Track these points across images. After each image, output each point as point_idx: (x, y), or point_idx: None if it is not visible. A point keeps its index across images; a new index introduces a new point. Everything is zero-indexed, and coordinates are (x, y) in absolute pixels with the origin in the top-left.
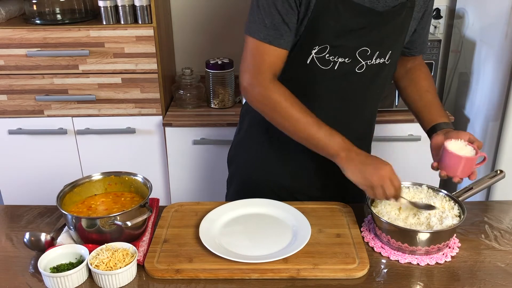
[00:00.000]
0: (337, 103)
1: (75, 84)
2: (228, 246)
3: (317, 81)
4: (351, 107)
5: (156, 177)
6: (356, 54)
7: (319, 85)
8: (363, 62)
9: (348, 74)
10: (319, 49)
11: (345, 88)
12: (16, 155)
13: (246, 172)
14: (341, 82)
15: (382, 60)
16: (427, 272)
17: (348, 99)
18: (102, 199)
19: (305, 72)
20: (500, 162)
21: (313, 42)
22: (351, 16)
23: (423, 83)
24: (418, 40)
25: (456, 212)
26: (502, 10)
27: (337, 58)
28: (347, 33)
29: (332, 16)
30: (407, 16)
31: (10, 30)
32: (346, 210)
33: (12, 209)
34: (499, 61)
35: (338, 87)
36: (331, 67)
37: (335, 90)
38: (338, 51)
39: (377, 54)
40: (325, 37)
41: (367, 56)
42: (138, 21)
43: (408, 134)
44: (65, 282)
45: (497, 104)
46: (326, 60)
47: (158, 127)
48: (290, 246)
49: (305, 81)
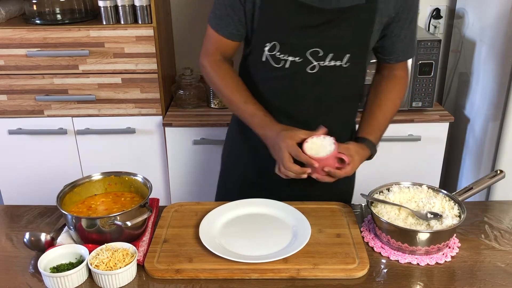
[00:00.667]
0: (294, 102)
1: (75, 84)
2: (228, 246)
3: (272, 79)
4: (312, 107)
5: (156, 177)
6: (307, 54)
7: (275, 83)
8: (315, 62)
9: (299, 73)
10: (270, 46)
11: (298, 87)
12: (16, 155)
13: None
14: (294, 81)
15: (338, 63)
16: (427, 272)
17: (304, 99)
18: (102, 199)
19: (262, 70)
20: (500, 162)
21: (264, 39)
22: (295, 13)
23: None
24: (392, 47)
25: (456, 212)
26: (502, 10)
27: (287, 56)
28: (294, 30)
29: (277, 13)
30: (367, 19)
31: (10, 30)
32: (346, 210)
33: (12, 209)
34: (499, 61)
35: (291, 86)
36: (283, 65)
37: (289, 89)
38: (288, 49)
39: (331, 56)
40: (272, 34)
41: (319, 57)
42: (138, 21)
43: (408, 134)
44: (65, 282)
45: (497, 104)
46: (277, 58)
47: (158, 127)
48: (290, 246)
49: (263, 79)
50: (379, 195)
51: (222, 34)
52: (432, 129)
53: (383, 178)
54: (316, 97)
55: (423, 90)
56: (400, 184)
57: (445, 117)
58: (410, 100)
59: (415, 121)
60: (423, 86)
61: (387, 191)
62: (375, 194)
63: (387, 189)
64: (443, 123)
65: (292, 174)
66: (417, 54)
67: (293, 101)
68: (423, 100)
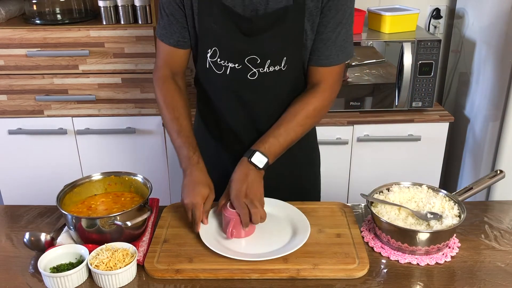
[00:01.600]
0: (239, 109)
1: (75, 84)
2: (228, 245)
3: (216, 86)
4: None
5: (156, 177)
6: (245, 61)
7: (219, 90)
8: (254, 69)
9: (240, 80)
10: (212, 52)
11: (241, 94)
12: (16, 155)
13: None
14: (236, 88)
15: (277, 68)
16: (427, 272)
17: (249, 105)
18: (102, 199)
19: (206, 77)
20: (500, 162)
21: (205, 45)
22: (229, 20)
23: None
24: (314, 46)
25: (456, 212)
26: (502, 10)
27: (227, 62)
28: (231, 37)
29: (212, 18)
30: (298, 20)
31: (10, 30)
32: (346, 210)
33: (12, 209)
34: (499, 61)
35: (235, 92)
36: (224, 71)
37: (233, 95)
38: (226, 55)
39: (269, 62)
40: (212, 39)
41: (257, 64)
42: (138, 21)
43: (408, 134)
44: (65, 282)
45: (497, 104)
46: (219, 65)
47: (158, 127)
48: (290, 244)
49: (209, 86)
50: (379, 195)
51: (168, 43)
52: (432, 129)
53: (383, 178)
54: (260, 103)
55: (423, 90)
56: (400, 184)
57: (445, 117)
58: (410, 100)
59: (415, 121)
60: (423, 86)
61: (387, 191)
62: (375, 194)
63: (387, 189)
64: (443, 123)
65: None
66: (417, 54)
67: (239, 107)
68: (423, 100)
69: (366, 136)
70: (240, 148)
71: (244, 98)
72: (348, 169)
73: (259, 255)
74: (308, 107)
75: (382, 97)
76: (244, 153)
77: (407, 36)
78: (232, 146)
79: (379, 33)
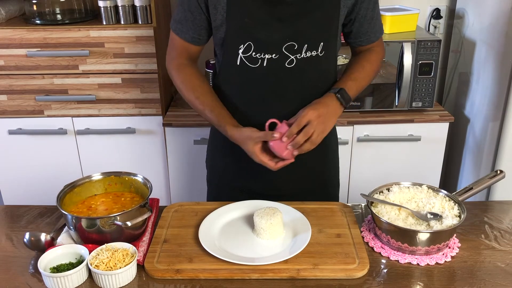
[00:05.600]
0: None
1: (75, 84)
2: (228, 248)
3: (249, 82)
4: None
5: (156, 177)
6: (283, 49)
7: (251, 85)
8: (292, 56)
9: (278, 70)
10: (245, 48)
11: (277, 84)
12: (16, 155)
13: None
14: (273, 79)
15: (314, 53)
16: (427, 272)
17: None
18: (102, 199)
19: (238, 74)
20: (500, 162)
21: (236, 41)
22: (262, 8)
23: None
24: (361, 29)
25: (456, 212)
26: (502, 10)
27: (263, 54)
28: (266, 26)
29: (243, 11)
30: (333, 5)
31: (10, 30)
32: (346, 210)
33: (12, 209)
34: (499, 61)
35: (270, 84)
36: (260, 64)
37: (268, 88)
38: (263, 47)
39: (306, 47)
40: (245, 34)
41: (295, 50)
42: (138, 21)
43: (408, 134)
44: (65, 282)
45: (497, 104)
46: (254, 58)
47: (158, 127)
48: (291, 247)
49: (239, 83)
50: (379, 195)
51: (184, 38)
52: (432, 129)
53: (383, 178)
54: (295, 91)
55: (423, 90)
56: (400, 184)
57: (445, 117)
58: (410, 100)
59: (415, 121)
60: (423, 86)
61: (387, 191)
62: (375, 194)
63: (387, 189)
64: (443, 123)
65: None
66: (417, 54)
67: (272, 99)
68: (423, 100)
69: (366, 136)
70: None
71: (278, 88)
72: (348, 169)
73: (260, 259)
74: (372, 59)
75: (382, 97)
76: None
77: (407, 36)
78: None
79: None
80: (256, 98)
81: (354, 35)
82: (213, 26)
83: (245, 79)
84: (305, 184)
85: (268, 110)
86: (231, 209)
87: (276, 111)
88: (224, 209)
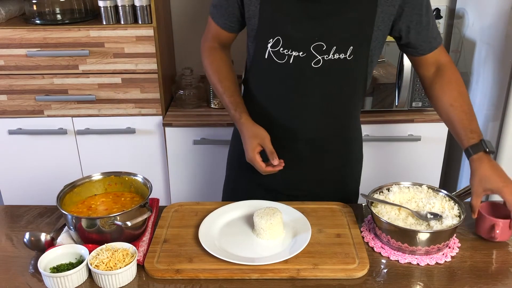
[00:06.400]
0: (299, 99)
1: (75, 84)
2: (228, 248)
3: (276, 76)
4: (317, 103)
5: (156, 177)
6: (311, 48)
7: (277, 81)
8: (319, 56)
9: (304, 68)
10: (274, 42)
11: (303, 83)
12: (16, 155)
13: (233, 173)
14: (299, 78)
15: (342, 56)
16: (427, 272)
17: (310, 95)
18: (102, 199)
19: (265, 68)
20: (500, 162)
21: (266, 34)
22: (295, 5)
23: (446, 97)
24: (419, 37)
25: (456, 212)
26: (502, 10)
27: (291, 51)
28: (296, 23)
29: (278, 6)
30: (368, 10)
31: (10, 30)
32: (346, 210)
33: (12, 209)
34: (499, 61)
35: (296, 82)
36: (286, 60)
37: (294, 86)
38: (291, 43)
39: (335, 49)
40: (275, 28)
41: (323, 51)
42: (138, 21)
43: (408, 134)
44: (65, 282)
45: (497, 104)
46: (281, 54)
47: (158, 127)
48: (291, 247)
49: (266, 78)
50: (379, 195)
51: (217, 22)
52: (432, 129)
53: (383, 178)
54: (320, 92)
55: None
56: (400, 184)
57: None
58: (410, 100)
59: (415, 121)
60: None
61: (387, 191)
62: (375, 194)
63: (387, 189)
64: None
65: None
66: None
67: (296, 97)
68: (423, 100)
69: (366, 136)
70: (288, 143)
71: (304, 87)
72: None
73: (260, 259)
74: (455, 82)
75: (382, 97)
76: (293, 147)
77: None
78: (283, 139)
79: None
80: (281, 94)
81: (414, 45)
82: (246, 17)
83: (271, 74)
84: (322, 186)
85: (290, 108)
86: (231, 209)
87: (298, 110)
88: (224, 209)
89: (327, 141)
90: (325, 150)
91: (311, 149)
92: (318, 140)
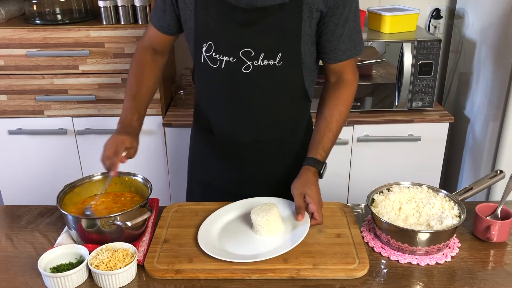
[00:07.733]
0: (235, 104)
1: (75, 84)
2: (227, 247)
3: (212, 81)
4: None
5: (156, 177)
6: (240, 54)
7: (213, 84)
8: (248, 62)
9: (235, 74)
10: (207, 47)
11: (236, 88)
12: (16, 155)
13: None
14: (231, 82)
15: (272, 62)
16: (427, 272)
17: (244, 100)
18: (102, 199)
19: (202, 72)
20: (500, 162)
21: (200, 39)
22: (223, 12)
23: (327, 108)
24: (329, 45)
25: (456, 212)
26: (502, 10)
27: (222, 56)
28: (225, 30)
29: (209, 12)
30: (292, 17)
31: (10, 30)
32: (346, 210)
33: (12, 209)
34: (499, 61)
35: (230, 87)
36: (219, 65)
37: (229, 90)
38: (222, 48)
39: (263, 56)
40: (207, 33)
41: (251, 57)
42: (138, 21)
43: (408, 134)
44: (65, 282)
45: (497, 104)
46: (214, 59)
47: (158, 127)
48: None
49: (203, 81)
50: (379, 195)
51: (154, 25)
52: (432, 129)
53: (383, 178)
54: (252, 97)
55: (423, 90)
56: (400, 184)
57: (445, 117)
58: (410, 100)
59: (415, 121)
60: (423, 86)
61: (387, 191)
62: (375, 194)
63: (387, 189)
64: (443, 123)
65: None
66: (417, 54)
67: (230, 102)
68: (423, 100)
69: (366, 136)
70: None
71: (238, 92)
72: (348, 169)
73: (258, 255)
74: (342, 101)
75: (382, 97)
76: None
77: (407, 36)
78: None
79: (379, 33)
80: (219, 98)
81: (323, 50)
82: (182, 20)
83: (208, 78)
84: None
85: (229, 112)
86: (231, 208)
87: (237, 114)
88: (223, 209)
89: (271, 145)
90: (269, 153)
91: (254, 152)
92: (260, 144)
